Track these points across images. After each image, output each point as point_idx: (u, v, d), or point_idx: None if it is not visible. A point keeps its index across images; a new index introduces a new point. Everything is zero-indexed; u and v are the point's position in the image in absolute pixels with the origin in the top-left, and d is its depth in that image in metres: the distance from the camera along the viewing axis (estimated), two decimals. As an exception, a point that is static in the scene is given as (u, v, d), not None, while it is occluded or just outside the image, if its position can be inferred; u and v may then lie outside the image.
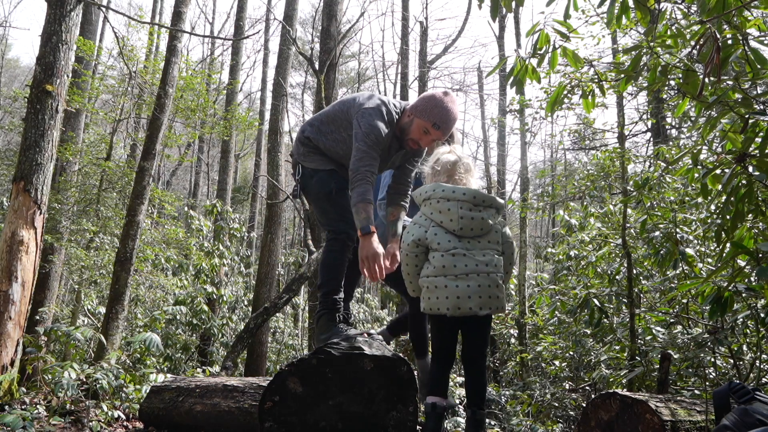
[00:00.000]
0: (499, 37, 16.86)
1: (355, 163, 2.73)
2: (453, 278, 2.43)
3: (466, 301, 2.40)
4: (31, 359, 4.77)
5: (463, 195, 2.55)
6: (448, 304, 2.42)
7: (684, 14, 3.01)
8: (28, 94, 4.82)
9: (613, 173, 6.26)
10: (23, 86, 15.16)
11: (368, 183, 2.69)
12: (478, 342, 2.54)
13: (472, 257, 2.47)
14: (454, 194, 2.55)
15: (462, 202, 2.54)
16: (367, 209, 2.66)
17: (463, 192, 2.56)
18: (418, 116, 2.80)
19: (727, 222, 2.68)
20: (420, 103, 2.83)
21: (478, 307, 2.38)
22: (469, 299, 2.39)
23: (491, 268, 2.46)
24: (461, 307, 2.40)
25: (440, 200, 2.56)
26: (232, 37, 17.52)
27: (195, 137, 13.95)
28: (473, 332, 2.54)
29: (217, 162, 17.63)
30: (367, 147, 2.73)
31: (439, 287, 2.45)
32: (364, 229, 2.65)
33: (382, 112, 2.82)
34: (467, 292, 2.40)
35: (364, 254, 2.64)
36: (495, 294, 2.42)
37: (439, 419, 2.39)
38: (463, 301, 2.40)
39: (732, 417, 1.97)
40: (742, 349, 4.22)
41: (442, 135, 2.82)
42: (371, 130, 2.76)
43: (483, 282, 2.42)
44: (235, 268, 11.54)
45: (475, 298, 2.39)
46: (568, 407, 6.28)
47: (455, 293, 2.41)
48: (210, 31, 23.99)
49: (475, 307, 2.38)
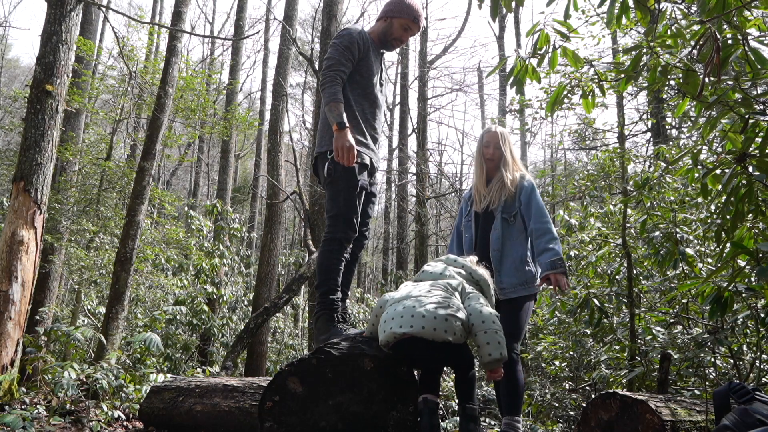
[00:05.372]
0: (499, 37, 16.86)
1: (326, 69, 2.95)
2: (385, 312, 2.50)
3: (388, 323, 2.41)
4: (31, 359, 4.77)
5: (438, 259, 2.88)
6: (380, 332, 2.46)
7: (684, 14, 3.01)
8: (28, 94, 4.82)
9: (613, 173, 6.26)
10: (23, 86, 15.15)
11: (337, 84, 2.92)
12: (443, 365, 2.60)
13: (407, 291, 2.54)
14: None
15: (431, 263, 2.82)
16: (338, 106, 2.88)
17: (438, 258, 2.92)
18: (395, 16, 3.11)
19: (727, 222, 2.68)
20: (392, 6, 3.13)
21: (398, 326, 2.36)
22: (392, 320, 2.40)
23: (421, 295, 2.47)
24: (385, 330, 2.41)
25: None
26: (232, 37, 17.53)
27: (195, 137, 13.95)
28: (431, 362, 2.54)
29: (217, 162, 17.64)
30: (338, 54, 2.96)
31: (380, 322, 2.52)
32: (340, 125, 2.84)
33: (351, 29, 3.08)
34: (390, 316, 2.43)
35: (339, 144, 2.83)
36: (418, 313, 2.35)
37: (431, 413, 2.39)
38: (386, 324, 2.42)
39: (732, 417, 1.97)
40: (742, 349, 4.22)
41: (419, 28, 3.17)
42: (341, 38, 3.01)
43: (408, 305, 2.42)
44: (235, 268, 11.53)
45: (397, 318, 2.39)
46: (568, 407, 6.28)
47: (383, 319, 2.47)
48: (210, 31, 24.01)
49: (396, 327, 2.37)
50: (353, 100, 3.04)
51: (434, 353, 2.41)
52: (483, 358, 2.38)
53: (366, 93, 3.08)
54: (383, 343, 2.44)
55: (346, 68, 2.98)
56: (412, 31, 3.17)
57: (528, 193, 3.09)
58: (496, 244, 3.07)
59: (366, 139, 3.05)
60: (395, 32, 3.14)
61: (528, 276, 3.03)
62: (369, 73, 3.09)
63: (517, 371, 2.86)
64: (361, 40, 3.04)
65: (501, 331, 2.39)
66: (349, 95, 3.03)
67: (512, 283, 3.01)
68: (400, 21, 3.12)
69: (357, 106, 3.04)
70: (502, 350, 2.34)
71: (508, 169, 3.16)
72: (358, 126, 3.02)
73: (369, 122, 3.09)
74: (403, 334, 2.35)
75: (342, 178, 2.92)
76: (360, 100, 3.06)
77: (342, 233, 2.91)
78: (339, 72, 2.95)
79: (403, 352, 2.45)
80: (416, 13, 3.12)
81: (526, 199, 3.08)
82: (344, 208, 2.92)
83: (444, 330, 2.31)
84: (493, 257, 3.07)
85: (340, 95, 2.91)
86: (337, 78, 2.93)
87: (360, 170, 2.96)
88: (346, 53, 2.98)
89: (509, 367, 2.85)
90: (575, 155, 15.54)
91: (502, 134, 3.24)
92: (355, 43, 3.00)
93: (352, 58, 3.01)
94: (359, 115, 3.04)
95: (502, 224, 3.09)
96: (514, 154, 3.23)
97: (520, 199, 3.10)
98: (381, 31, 3.17)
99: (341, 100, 2.90)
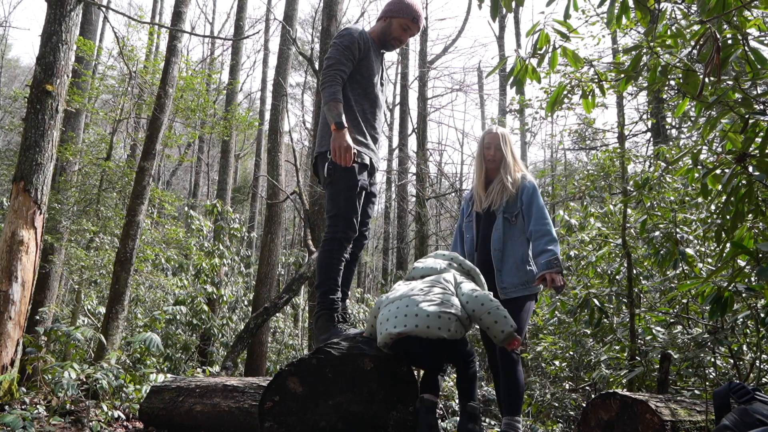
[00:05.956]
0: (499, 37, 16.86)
1: (326, 69, 2.97)
2: (381, 313, 2.52)
3: (384, 324, 2.45)
4: (31, 359, 4.77)
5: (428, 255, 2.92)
6: (377, 333, 2.51)
7: (684, 14, 3.00)
8: (28, 94, 4.82)
9: (613, 173, 6.26)
10: (23, 86, 15.15)
11: (337, 84, 2.93)
12: (443, 363, 2.61)
13: (402, 290, 2.57)
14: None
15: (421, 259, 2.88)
16: (338, 106, 2.88)
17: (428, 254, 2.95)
18: (395, 16, 3.13)
19: (727, 222, 2.68)
20: (391, 6, 3.15)
21: (393, 327, 2.40)
22: (387, 321, 2.44)
23: (416, 293, 2.49)
24: (381, 331, 2.45)
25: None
26: (232, 37, 17.53)
27: (195, 137, 13.94)
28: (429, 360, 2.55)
29: (217, 162, 17.64)
30: (339, 54, 2.97)
31: (376, 323, 2.55)
32: (338, 125, 2.84)
33: (351, 29, 3.09)
34: (386, 317, 2.46)
35: (336, 144, 2.84)
36: (412, 313, 2.38)
37: (428, 411, 2.40)
38: (382, 325, 2.45)
39: (732, 417, 1.97)
40: (742, 349, 4.22)
41: (418, 28, 3.19)
42: (341, 38, 3.02)
43: (401, 304, 2.45)
44: (235, 268, 11.53)
45: (392, 319, 2.42)
46: (568, 407, 6.28)
47: (379, 320, 2.50)
48: (210, 31, 24.01)
49: (390, 327, 2.40)
50: (353, 99, 3.04)
51: (430, 351, 2.43)
52: (497, 337, 2.45)
53: (366, 93, 3.09)
54: (381, 344, 2.46)
55: (346, 68, 2.99)
56: (411, 31, 3.18)
57: (529, 193, 3.10)
58: (497, 244, 3.08)
59: (366, 139, 3.05)
60: (394, 32, 3.15)
61: (529, 276, 3.04)
62: (369, 73, 3.09)
63: (517, 371, 2.86)
64: (362, 40, 3.05)
65: (501, 305, 2.48)
66: (350, 95, 3.03)
67: (513, 283, 3.02)
68: (399, 21, 3.13)
69: (357, 106, 3.05)
70: (511, 322, 2.43)
71: (509, 170, 3.17)
72: (358, 126, 3.02)
73: (369, 122, 3.09)
74: (398, 334, 2.37)
75: (342, 178, 2.92)
76: (360, 100, 3.07)
77: (342, 233, 2.91)
78: (339, 72, 2.96)
79: (402, 351, 2.47)
80: (415, 13, 3.13)
81: (528, 200, 3.09)
82: (344, 208, 2.92)
83: (438, 327, 2.34)
84: (494, 257, 3.08)
85: (339, 95, 2.91)
86: (337, 78, 2.94)
87: (360, 170, 2.96)
88: (347, 53, 2.99)
89: (509, 367, 2.85)
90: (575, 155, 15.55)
91: (503, 135, 3.24)
92: (355, 43, 3.01)
93: (352, 57, 3.01)
94: (359, 115, 3.04)
95: (503, 224, 3.10)
96: (515, 155, 3.24)
97: (521, 200, 3.11)
98: (381, 31, 3.18)
99: (341, 100, 2.91)
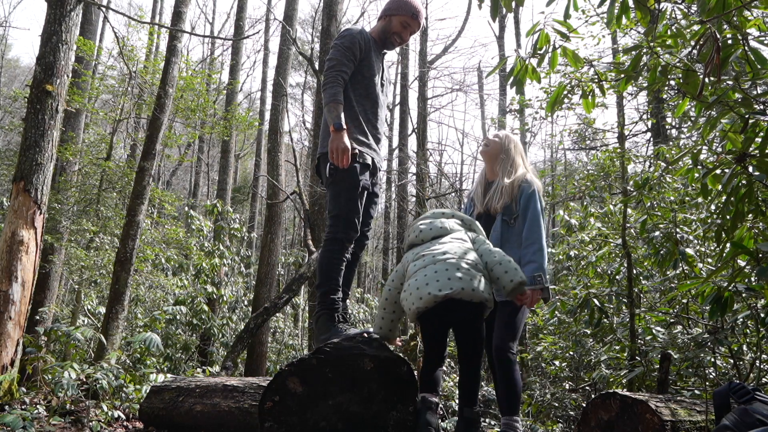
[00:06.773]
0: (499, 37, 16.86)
1: (328, 70, 2.97)
2: (414, 279, 2.52)
3: (424, 288, 2.44)
4: (31, 359, 4.77)
5: (425, 216, 2.86)
6: (413, 300, 2.47)
7: (684, 14, 3.00)
8: (28, 94, 4.82)
9: (613, 173, 6.26)
10: (23, 86, 15.15)
11: (338, 85, 2.94)
12: (468, 338, 2.54)
13: (429, 254, 2.56)
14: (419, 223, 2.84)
15: (422, 221, 2.82)
16: (338, 108, 2.88)
17: (424, 216, 2.87)
18: (394, 14, 3.14)
19: (727, 222, 2.67)
20: (391, 5, 3.16)
21: (437, 290, 2.39)
22: (427, 286, 2.44)
23: (449, 255, 2.51)
24: (422, 296, 2.43)
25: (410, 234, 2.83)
26: (232, 37, 17.54)
27: (195, 137, 13.95)
28: (460, 329, 2.54)
29: (217, 162, 17.65)
30: (340, 54, 2.97)
31: (407, 291, 2.54)
32: (337, 126, 2.84)
33: (352, 30, 3.10)
34: (425, 281, 2.46)
35: (334, 146, 2.82)
36: (455, 276, 2.41)
37: (429, 412, 2.40)
38: (422, 290, 2.44)
39: (732, 417, 1.97)
40: (742, 349, 4.22)
41: (419, 25, 3.19)
42: (342, 39, 3.02)
43: (440, 268, 2.46)
44: (235, 268, 11.53)
45: (432, 282, 2.43)
46: (568, 407, 6.28)
47: (415, 286, 2.49)
48: (210, 31, 24.01)
49: (434, 290, 2.40)
50: (355, 100, 3.04)
51: (470, 314, 2.47)
52: (506, 287, 2.51)
53: (368, 93, 3.09)
54: (421, 308, 2.44)
55: (348, 69, 2.99)
56: (411, 28, 3.18)
57: (527, 198, 3.07)
58: (494, 245, 3.08)
59: (368, 139, 3.05)
60: (394, 27, 3.16)
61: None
62: (370, 73, 3.09)
63: (514, 371, 2.86)
64: (363, 40, 3.05)
65: (512, 259, 2.58)
66: (351, 95, 3.04)
67: None
68: (399, 18, 3.14)
69: (359, 106, 3.05)
70: (520, 273, 2.52)
71: (509, 174, 3.15)
72: (359, 126, 3.02)
73: (371, 122, 3.09)
74: (445, 296, 2.39)
75: (344, 178, 2.92)
76: (362, 100, 3.07)
77: (343, 233, 2.91)
78: (341, 73, 2.96)
79: (438, 316, 2.47)
80: (415, 10, 3.14)
81: (524, 204, 3.07)
82: (346, 209, 2.92)
83: (481, 290, 2.42)
84: None
85: (340, 96, 2.91)
86: (338, 79, 2.94)
87: (362, 170, 2.96)
88: (348, 53, 2.99)
89: (505, 368, 2.85)
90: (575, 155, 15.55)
91: (506, 138, 3.22)
92: (356, 43, 3.01)
93: (353, 58, 3.01)
94: (361, 115, 3.04)
95: (501, 226, 3.10)
96: (516, 160, 3.19)
97: (520, 203, 3.10)
98: (381, 29, 3.19)
99: (341, 101, 2.91)
